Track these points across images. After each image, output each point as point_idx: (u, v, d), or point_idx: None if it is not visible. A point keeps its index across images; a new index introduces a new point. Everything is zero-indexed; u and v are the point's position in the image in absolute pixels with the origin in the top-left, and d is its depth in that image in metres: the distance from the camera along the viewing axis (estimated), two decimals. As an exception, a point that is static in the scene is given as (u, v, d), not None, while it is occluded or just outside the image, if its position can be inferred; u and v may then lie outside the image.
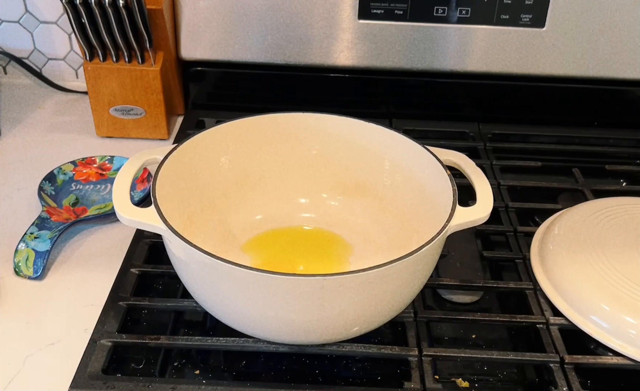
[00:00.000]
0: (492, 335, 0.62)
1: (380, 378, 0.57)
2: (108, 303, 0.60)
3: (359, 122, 0.70)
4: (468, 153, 0.67)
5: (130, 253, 0.66)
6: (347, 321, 0.53)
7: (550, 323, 0.60)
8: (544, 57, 0.87)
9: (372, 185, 0.71)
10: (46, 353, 0.57)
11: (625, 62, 0.87)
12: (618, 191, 0.80)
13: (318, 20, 0.85)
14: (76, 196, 0.77)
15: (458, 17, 0.84)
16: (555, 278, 0.63)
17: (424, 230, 0.57)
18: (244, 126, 0.68)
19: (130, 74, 0.84)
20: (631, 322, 0.57)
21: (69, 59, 1.01)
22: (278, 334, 0.54)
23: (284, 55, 0.88)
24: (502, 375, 0.58)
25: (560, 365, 0.56)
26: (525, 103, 0.92)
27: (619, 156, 0.90)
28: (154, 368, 0.57)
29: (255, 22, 0.86)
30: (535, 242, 0.68)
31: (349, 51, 0.87)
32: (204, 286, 0.54)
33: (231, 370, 0.58)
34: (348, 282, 0.49)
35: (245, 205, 0.70)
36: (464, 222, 0.57)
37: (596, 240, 0.65)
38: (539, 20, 0.84)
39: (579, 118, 0.93)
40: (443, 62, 0.88)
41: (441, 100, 0.93)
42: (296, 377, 0.57)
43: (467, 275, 0.66)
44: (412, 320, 0.59)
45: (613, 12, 0.83)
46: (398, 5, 0.83)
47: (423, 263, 0.54)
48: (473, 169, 0.63)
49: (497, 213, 0.73)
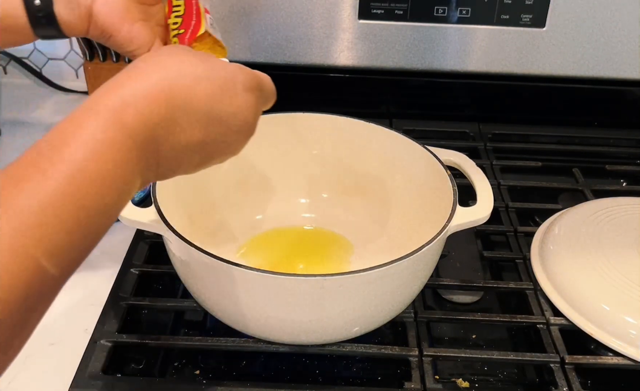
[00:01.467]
0: (493, 335, 0.62)
1: (380, 378, 0.57)
2: (108, 303, 0.60)
3: (359, 122, 0.70)
4: (468, 153, 0.67)
5: (130, 253, 0.66)
6: (347, 322, 0.53)
7: (550, 323, 0.60)
8: (544, 57, 0.86)
9: (372, 185, 0.71)
10: (46, 353, 0.57)
11: (625, 62, 0.87)
12: (618, 191, 0.80)
13: (318, 20, 0.85)
14: (76, 196, 0.76)
15: (458, 17, 0.84)
16: (555, 278, 0.63)
17: (424, 230, 0.57)
18: (244, 126, 0.68)
19: (130, 73, 0.84)
20: (631, 322, 0.57)
21: (69, 59, 1.01)
22: (278, 334, 0.54)
23: (284, 55, 0.88)
24: (503, 375, 0.58)
25: (561, 365, 0.56)
26: (525, 103, 0.92)
27: (619, 156, 0.90)
28: (154, 368, 0.57)
29: (255, 22, 0.86)
30: (536, 242, 0.68)
31: (349, 51, 0.87)
32: (204, 286, 0.54)
33: (231, 370, 0.58)
34: (348, 282, 0.49)
35: (245, 205, 0.70)
36: (464, 222, 0.57)
37: (596, 240, 0.64)
38: (539, 20, 0.84)
39: (579, 118, 0.93)
40: (443, 62, 0.88)
41: (441, 100, 0.93)
42: (296, 377, 0.57)
43: (468, 275, 0.66)
44: (412, 320, 0.59)
45: (613, 12, 0.83)
46: (398, 5, 0.83)
47: (423, 263, 0.54)
48: (473, 169, 0.63)
49: (498, 213, 0.73)
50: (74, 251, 0.33)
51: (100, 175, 0.34)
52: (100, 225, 0.35)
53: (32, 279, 0.31)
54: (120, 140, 0.35)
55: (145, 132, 0.37)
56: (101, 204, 0.34)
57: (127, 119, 0.36)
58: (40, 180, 0.32)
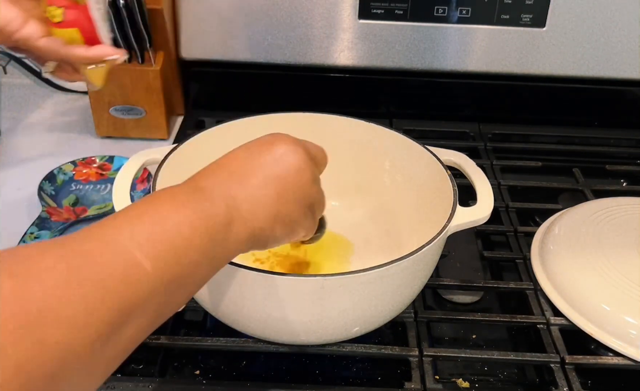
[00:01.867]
0: (493, 335, 0.62)
1: (380, 379, 0.57)
2: (108, 303, 0.60)
3: (359, 122, 0.70)
4: (468, 153, 0.67)
5: (130, 253, 0.66)
6: (347, 322, 0.53)
7: (550, 323, 0.60)
8: (544, 57, 0.86)
9: (372, 185, 0.71)
10: (46, 353, 0.57)
11: (625, 62, 0.87)
12: (618, 191, 0.80)
13: (318, 20, 0.85)
14: (76, 196, 0.77)
15: (458, 17, 0.84)
16: (555, 278, 0.63)
17: (424, 230, 0.57)
18: (244, 126, 0.68)
19: (130, 74, 0.84)
20: (631, 322, 0.57)
21: (69, 59, 1.01)
22: (278, 334, 0.54)
23: (284, 55, 0.88)
24: (503, 375, 0.58)
25: (561, 365, 0.56)
26: (525, 103, 0.92)
27: (619, 156, 0.90)
28: (154, 368, 0.57)
29: (255, 22, 0.86)
30: (536, 242, 0.68)
31: (349, 51, 0.87)
32: (204, 286, 0.54)
33: (231, 370, 0.57)
34: (348, 282, 0.49)
35: (245, 205, 0.70)
36: (464, 222, 0.57)
37: (596, 240, 0.64)
38: (539, 20, 0.84)
39: (579, 118, 0.93)
40: (443, 62, 0.88)
41: (441, 100, 0.93)
42: (296, 377, 0.57)
43: (468, 275, 0.66)
44: (412, 320, 0.59)
45: (613, 12, 0.83)
46: (398, 5, 0.83)
47: (423, 263, 0.54)
48: (473, 169, 0.63)
49: (498, 213, 0.73)
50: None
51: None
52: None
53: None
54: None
55: (253, 238, 0.41)
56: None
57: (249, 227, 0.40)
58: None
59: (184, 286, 0.36)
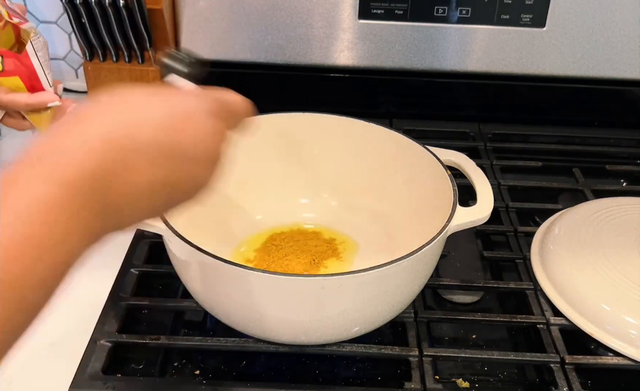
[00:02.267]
0: (493, 335, 0.62)
1: (380, 379, 0.57)
2: (108, 303, 0.60)
3: (359, 122, 0.70)
4: (468, 153, 0.67)
5: (130, 253, 0.66)
6: (347, 322, 0.53)
7: (550, 324, 0.60)
8: (544, 57, 0.86)
9: (372, 185, 0.71)
10: (46, 353, 0.57)
11: (625, 62, 0.87)
12: (618, 191, 0.80)
13: (318, 20, 0.85)
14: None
15: (458, 17, 0.84)
16: (555, 278, 0.63)
17: (424, 230, 0.57)
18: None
19: (130, 73, 0.84)
20: (631, 322, 0.57)
21: (69, 59, 1.01)
22: (278, 334, 0.54)
23: (284, 55, 0.88)
24: (503, 375, 0.58)
25: (561, 365, 0.56)
26: (525, 103, 0.92)
27: (619, 156, 0.90)
28: (154, 368, 0.57)
29: (255, 22, 0.86)
30: (536, 242, 0.68)
31: (349, 51, 0.87)
32: (204, 286, 0.54)
33: (231, 370, 0.57)
34: (348, 282, 0.49)
35: (245, 205, 0.70)
36: (464, 222, 0.57)
37: (596, 240, 0.64)
38: (539, 20, 0.84)
39: (579, 118, 0.93)
40: (443, 62, 0.88)
41: (441, 100, 0.93)
42: (296, 377, 0.57)
43: (468, 275, 0.66)
44: (412, 320, 0.59)
45: (613, 12, 0.83)
46: (398, 5, 0.83)
47: (423, 263, 0.54)
48: (473, 169, 0.63)
49: (498, 213, 0.73)
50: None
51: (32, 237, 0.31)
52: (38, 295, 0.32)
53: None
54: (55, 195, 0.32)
55: (83, 181, 0.33)
56: (35, 268, 0.31)
57: (61, 172, 0.33)
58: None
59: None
